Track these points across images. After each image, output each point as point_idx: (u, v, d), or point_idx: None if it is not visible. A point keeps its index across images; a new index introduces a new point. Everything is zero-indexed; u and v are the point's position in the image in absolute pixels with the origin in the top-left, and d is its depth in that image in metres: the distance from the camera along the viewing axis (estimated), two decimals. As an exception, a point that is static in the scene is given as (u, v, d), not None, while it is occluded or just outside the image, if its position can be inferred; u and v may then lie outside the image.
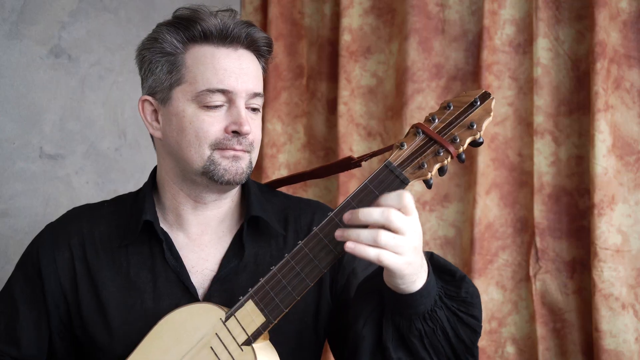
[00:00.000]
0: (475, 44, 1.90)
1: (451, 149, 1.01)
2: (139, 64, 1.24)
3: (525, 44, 1.85)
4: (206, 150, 1.14)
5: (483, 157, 1.83)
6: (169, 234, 1.22)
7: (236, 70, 1.15)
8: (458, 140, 1.02)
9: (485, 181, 1.83)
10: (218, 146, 1.14)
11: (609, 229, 1.66)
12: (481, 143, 1.04)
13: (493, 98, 1.04)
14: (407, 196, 0.97)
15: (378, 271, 1.09)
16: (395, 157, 1.04)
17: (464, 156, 1.03)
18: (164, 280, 1.19)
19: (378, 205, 0.97)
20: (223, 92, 1.14)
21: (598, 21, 1.66)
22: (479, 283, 1.82)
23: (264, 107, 2.18)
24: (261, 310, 1.04)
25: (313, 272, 1.03)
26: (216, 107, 1.14)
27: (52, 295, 1.20)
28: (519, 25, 1.85)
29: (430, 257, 1.09)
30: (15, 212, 1.71)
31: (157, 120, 1.20)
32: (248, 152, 1.17)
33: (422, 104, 1.93)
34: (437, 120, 1.04)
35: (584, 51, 1.77)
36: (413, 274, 1.00)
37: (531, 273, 1.80)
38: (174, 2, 2.11)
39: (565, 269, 1.78)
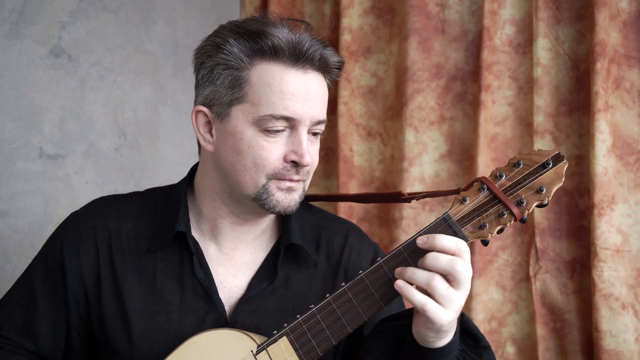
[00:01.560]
0: (475, 44, 1.90)
1: (516, 211, 0.97)
2: (197, 68, 1.14)
3: (525, 44, 1.85)
4: (262, 179, 1.08)
5: (483, 157, 1.83)
6: (200, 244, 1.18)
7: (303, 95, 1.07)
8: (525, 203, 0.97)
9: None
10: (275, 176, 1.08)
11: (609, 229, 1.66)
12: (546, 205, 0.99)
13: (566, 162, 0.99)
14: (465, 245, 0.94)
15: (404, 314, 1.06)
16: (456, 212, 0.99)
17: (526, 218, 0.98)
18: (191, 293, 1.14)
19: (433, 243, 0.93)
20: (287, 119, 1.06)
21: (598, 21, 1.66)
22: (479, 283, 1.82)
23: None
24: (295, 350, 1.00)
25: (354, 319, 0.99)
26: (277, 131, 1.07)
27: (73, 291, 1.17)
28: (519, 25, 1.85)
29: (461, 317, 1.05)
30: (15, 212, 1.71)
31: (210, 133, 1.13)
32: (303, 181, 1.12)
33: (422, 104, 1.93)
34: (504, 178, 1.00)
35: (584, 51, 1.77)
36: (447, 331, 0.97)
37: (531, 273, 1.80)
38: (174, 2, 2.11)
39: (565, 269, 1.78)
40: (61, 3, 1.81)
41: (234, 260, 1.19)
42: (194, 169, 1.24)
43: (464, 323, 1.05)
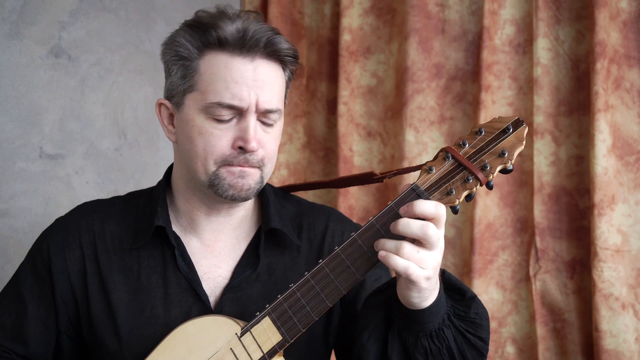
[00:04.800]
0: (475, 44, 1.90)
1: (481, 176, 0.99)
2: (163, 63, 1.19)
3: (525, 44, 1.84)
4: (211, 166, 1.11)
5: (483, 157, 1.83)
6: (182, 238, 1.20)
7: (249, 83, 1.09)
8: (488, 167, 1.00)
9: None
10: (224, 162, 1.11)
11: (609, 229, 1.66)
12: (511, 170, 1.02)
13: (526, 126, 1.02)
14: (443, 208, 0.97)
15: (388, 284, 1.09)
16: (423, 181, 1.01)
17: (492, 183, 1.01)
18: (175, 286, 1.17)
19: (413, 211, 0.96)
20: (233, 107, 1.09)
21: (598, 21, 1.66)
22: (479, 283, 1.82)
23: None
24: (278, 328, 1.02)
25: (333, 294, 1.01)
26: (225, 120, 1.10)
27: (61, 294, 1.19)
28: (519, 25, 1.85)
29: (442, 274, 1.08)
30: (15, 212, 1.71)
31: (172, 124, 1.17)
32: (258, 167, 1.13)
33: (422, 103, 1.93)
34: (467, 145, 1.02)
35: (584, 51, 1.77)
36: (428, 289, 0.99)
37: (531, 273, 1.80)
38: (174, 2, 2.11)
39: (565, 269, 1.78)
40: (61, 3, 1.81)
41: (216, 252, 1.21)
42: (169, 170, 1.28)
43: (447, 279, 1.09)
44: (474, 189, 1.00)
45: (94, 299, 1.17)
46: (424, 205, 0.96)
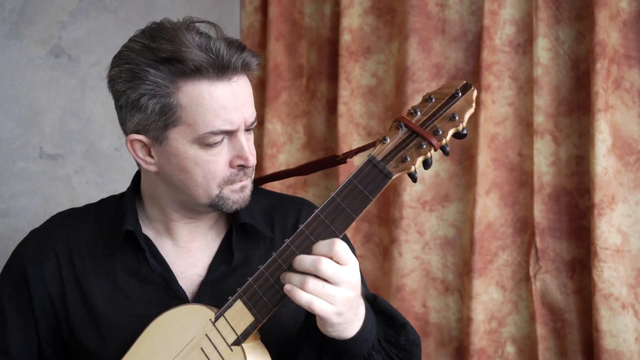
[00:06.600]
0: (475, 44, 1.90)
1: (434, 141, 1.00)
2: (116, 95, 1.14)
3: (525, 44, 1.84)
4: (214, 190, 1.12)
5: (483, 157, 1.83)
6: (155, 242, 1.21)
7: (234, 105, 1.09)
8: (440, 132, 1.01)
9: (485, 181, 1.83)
10: (226, 183, 1.12)
11: (609, 229, 1.66)
12: (465, 135, 1.03)
13: (474, 89, 1.03)
14: (339, 244, 0.96)
15: None
16: (379, 152, 1.03)
17: (447, 148, 1.02)
18: (152, 287, 1.18)
19: (313, 253, 0.97)
20: (225, 132, 1.09)
21: (598, 21, 1.66)
22: (479, 283, 1.82)
23: (263, 107, 2.19)
24: (249, 309, 1.03)
25: None
26: (217, 143, 1.10)
27: (39, 302, 1.19)
28: (519, 25, 1.85)
29: (374, 300, 1.09)
30: (15, 212, 1.71)
31: (149, 155, 1.14)
32: (250, 177, 1.17)
33: (422, 104, 1.93)
34: (419, 113, 1.04)
35: (584, 51, 1.76)
36: (343, 323, 0.99)
37: (531, 273, 1.80)
38: (174, 2, 2.11)
39: (565, 269, 1.78)
40: (61, 3, 1.81)
41: (191, 251, 1.22)
42: (137, 177, 1.26)
43: (377, 305, 1.09)
44: (429, 153, 1.01)
45: (73, 304, 1.18)
46: (318, 246, 0.98)
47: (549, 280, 1.79)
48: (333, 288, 0.96)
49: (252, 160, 1.12)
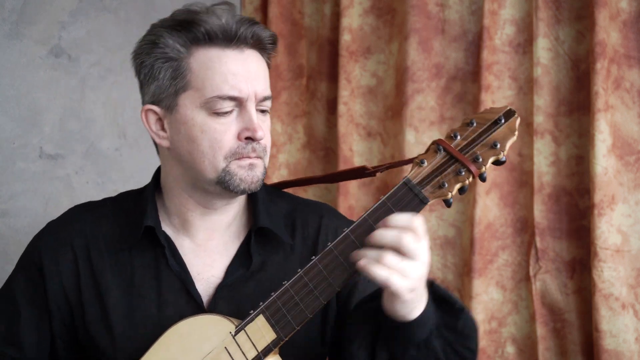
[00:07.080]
0: (475, 44, 1.90)
1: (473, 168, 0.98)
2: (137, 69, 1.17)
3: (525, 44, 1.84)
4: (221, 162, 1.10)
5: (483, 157, 1.83)
6: (174, 239, 1.19)
7: (245, 73, 1.10)
8: (480, 159, 0.99)
9: (486, 181, 1.83)
10: (234, 156, 1.10)
11: (609, 229, 1.66)
12: (504, 162, 1.00)
13: (517, 117, 1.00)
14: (418, 219, 0.95)
15: (376, 294, 1.07)
16: (415, 175, 1.00)
17: (485, 175, 1.00)
18: (168, 287, 1.16)
19: (387, 224, 0.95)
20: (233, 98, 1.09)
21: (598, 21, 1.66)
22: (479, 283, 1.82)
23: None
24: (272, 326, 1.01)
25: (326, 290, 1.00)
26: (226, 113, 1.09)
27: (54, 297, 1.18)
28: (519, 25, 1.85)
29: (431, 285, 1.06)
30: (15, 212, 1.71)
31: (162, 128, 1.15)
32: (261, 157, 1.14)
33: (422, 104, 1.93)
34: (459, 137, 1.01)
35: (584, 51, 1.77)
36: (414, 300, 0.98)
37: (531, 273, 1.80)
38: (174, 2, 2.11)
39: (565, 269, 1.78)
40: (61, 3, 1.81)
41: (209, 250, 1.20)
42: (158, 172, 1.26)
43: (435, 289, 1.07)
44: (467, 181, 0.99)
45: (88, 300, 1.17)
46: (398, 217, 0.95)
47: (549, 280, 1.79)
48: (409, 263, 0.94)
49: (261, 134, 1.10)
